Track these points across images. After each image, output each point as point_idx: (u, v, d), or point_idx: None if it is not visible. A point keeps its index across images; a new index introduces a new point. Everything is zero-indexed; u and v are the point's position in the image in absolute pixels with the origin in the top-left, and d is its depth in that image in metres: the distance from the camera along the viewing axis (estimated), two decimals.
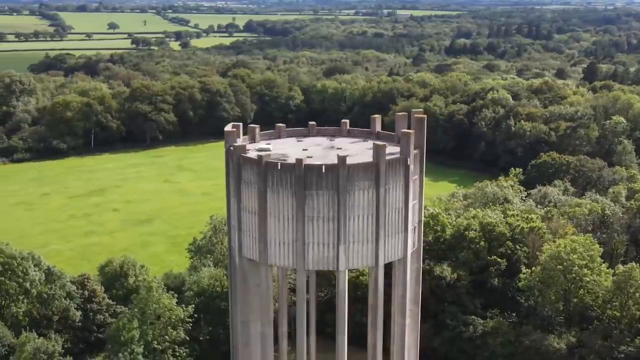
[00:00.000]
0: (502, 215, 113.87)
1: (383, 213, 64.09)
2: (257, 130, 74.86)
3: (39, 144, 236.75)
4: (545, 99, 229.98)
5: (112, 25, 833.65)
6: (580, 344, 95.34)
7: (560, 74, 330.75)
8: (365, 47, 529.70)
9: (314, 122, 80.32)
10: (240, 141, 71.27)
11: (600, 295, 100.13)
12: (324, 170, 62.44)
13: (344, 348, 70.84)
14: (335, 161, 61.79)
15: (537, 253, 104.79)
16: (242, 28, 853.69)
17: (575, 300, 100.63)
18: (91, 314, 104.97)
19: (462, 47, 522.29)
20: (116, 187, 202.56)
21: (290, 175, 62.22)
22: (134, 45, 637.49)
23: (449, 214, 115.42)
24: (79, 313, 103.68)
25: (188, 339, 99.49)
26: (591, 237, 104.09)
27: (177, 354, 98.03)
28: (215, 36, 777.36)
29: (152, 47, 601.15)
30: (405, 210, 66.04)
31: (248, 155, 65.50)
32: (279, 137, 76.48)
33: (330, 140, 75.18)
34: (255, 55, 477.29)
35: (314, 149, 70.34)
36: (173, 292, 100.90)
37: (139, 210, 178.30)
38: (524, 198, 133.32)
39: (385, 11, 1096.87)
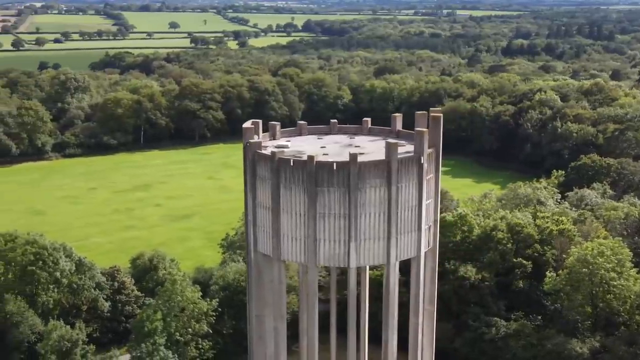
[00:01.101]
0: (532, 217, 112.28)
1: (395, 211, 64.10)
2: (278, 127, 75.90)
3: (90, 139, 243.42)
4: (595, 100, 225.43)
5: (172, 25, 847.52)
6: (604, 349, 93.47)
7: (616, 75, 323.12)
8: (421, 47, 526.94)
9: (335, 120, 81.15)
10: (260, 138, 72.39)
11: (629, 300, 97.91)
12: (335, 168, 62.98)
13: (355, 345, 71.05)
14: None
15: (564, 256, 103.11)
16: (300, 28, 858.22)
17: (601, 304, 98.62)
18: (119, 305, 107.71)
19: (519, 48, 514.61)
20: (161, 183, 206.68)
21: (302, 171, 62.90)
22: (193, 45, 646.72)
23: (477, 215, 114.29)
24: (107, 304, 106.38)
25: (211, 332, 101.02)
26: (620, 241, 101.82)
27: (200, 346, 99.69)
28: (273, 36, 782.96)
29: (211, 46, 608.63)
30: (418, 209, 65.89)
31: (263, 151, 66.56)
32: (300, 135, 77.30)
33: (351, 138, 75.57)
34: (309, 55, 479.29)
35: (332, 147, 70.72)
36: (197, 286, 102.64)
37: (180, 206, 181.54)
38: (558, 200, 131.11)
39: (445, 11, 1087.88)
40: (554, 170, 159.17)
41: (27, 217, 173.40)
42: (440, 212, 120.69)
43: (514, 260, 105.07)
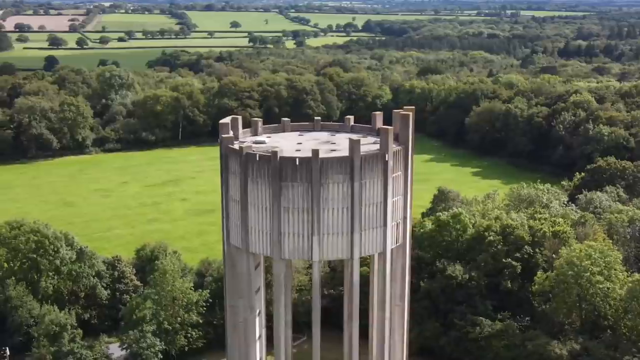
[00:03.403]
0: (527, 219, 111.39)
1: (358, 207, 65.52)
2: (260, 123, 78.16)
3: (130, 135, 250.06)
4: (632, 102, 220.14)
5: (234, 24, 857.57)
6: (586, 351, 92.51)
7: None
8: (476, 48, 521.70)
9: (319, 118, 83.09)
10: (241, 133, 74.72)
11: (613, 303, 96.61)
12: (298, 163, 64.71)
13: (318, 338, 72.21)
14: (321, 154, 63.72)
15: (554, 256, 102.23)
16: (360, 28, 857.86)
17: (588, 307, 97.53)
18: (118, 293, 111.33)
19: (576, 49, 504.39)
20: (191, 178, 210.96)
21: (267, 166, 64.91)
22: (251, 44, 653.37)
23: (473, 215, 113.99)
24: (106, 292, 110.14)
25: (201, 322, 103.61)
26: (610, 244, 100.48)
27: (189, 335, 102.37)
28: (332, 35, 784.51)
29: (268, 46, 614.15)
30: (384, 205, 67.04)
31: (233, 146, 68.73)
32: (283, 131, 79.24)
33: (331, 135, 77.20)
34: (362, 55, 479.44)
35: (309, 143, 72.38)
36: (187, 277, 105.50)
37: (205, 201, 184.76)
38: (565, 202, 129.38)
39: (509, 12, 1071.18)
40: (577, 173, 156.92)
41: (59, 208, 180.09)
42: (442, 211, 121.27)
43: (504, 261, 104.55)
